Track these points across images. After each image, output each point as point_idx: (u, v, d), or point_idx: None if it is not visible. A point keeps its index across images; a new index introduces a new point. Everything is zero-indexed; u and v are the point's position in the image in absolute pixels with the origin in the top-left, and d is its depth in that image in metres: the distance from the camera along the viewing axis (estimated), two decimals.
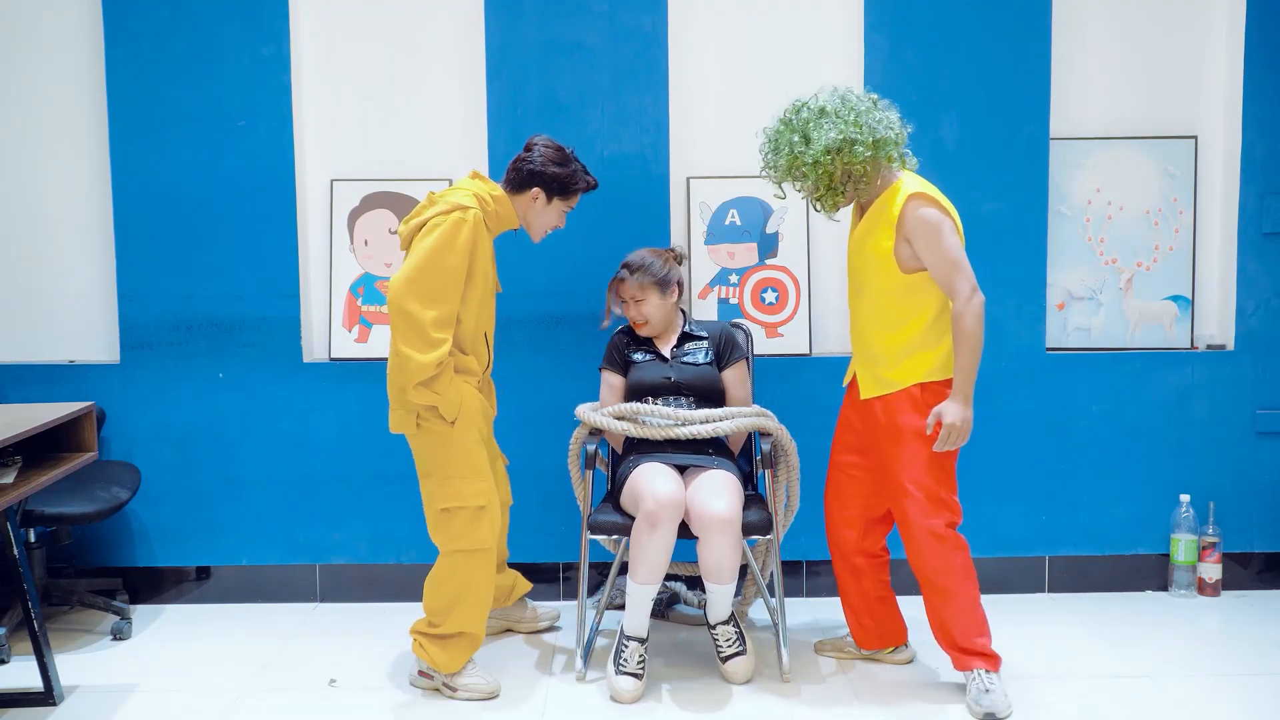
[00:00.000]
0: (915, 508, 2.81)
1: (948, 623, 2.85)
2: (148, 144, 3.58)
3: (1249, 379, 3.65)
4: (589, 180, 3.04)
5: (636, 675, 2.92)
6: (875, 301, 2.85)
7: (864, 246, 2.85)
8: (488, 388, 3.14)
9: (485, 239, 2.92)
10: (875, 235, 2.82)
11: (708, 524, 2.84)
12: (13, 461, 2.68)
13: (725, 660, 2.99)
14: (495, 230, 3.00)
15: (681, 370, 3.18)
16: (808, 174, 2.78)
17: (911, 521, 2.82)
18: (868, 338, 2.88)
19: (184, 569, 3.70)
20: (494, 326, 3.12)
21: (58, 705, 2.88)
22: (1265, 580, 3.72)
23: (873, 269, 2.83)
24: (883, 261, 2.80)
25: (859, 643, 3.11)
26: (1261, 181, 3.61)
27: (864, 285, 2.87)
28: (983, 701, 2.76)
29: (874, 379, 2.88)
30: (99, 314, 3.71)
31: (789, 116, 2.84)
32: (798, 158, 2.78)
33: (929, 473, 2.80)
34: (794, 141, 2.79)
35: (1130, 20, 3.66)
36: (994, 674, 2.82)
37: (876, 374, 2.87)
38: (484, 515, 2.88)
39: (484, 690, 2.92)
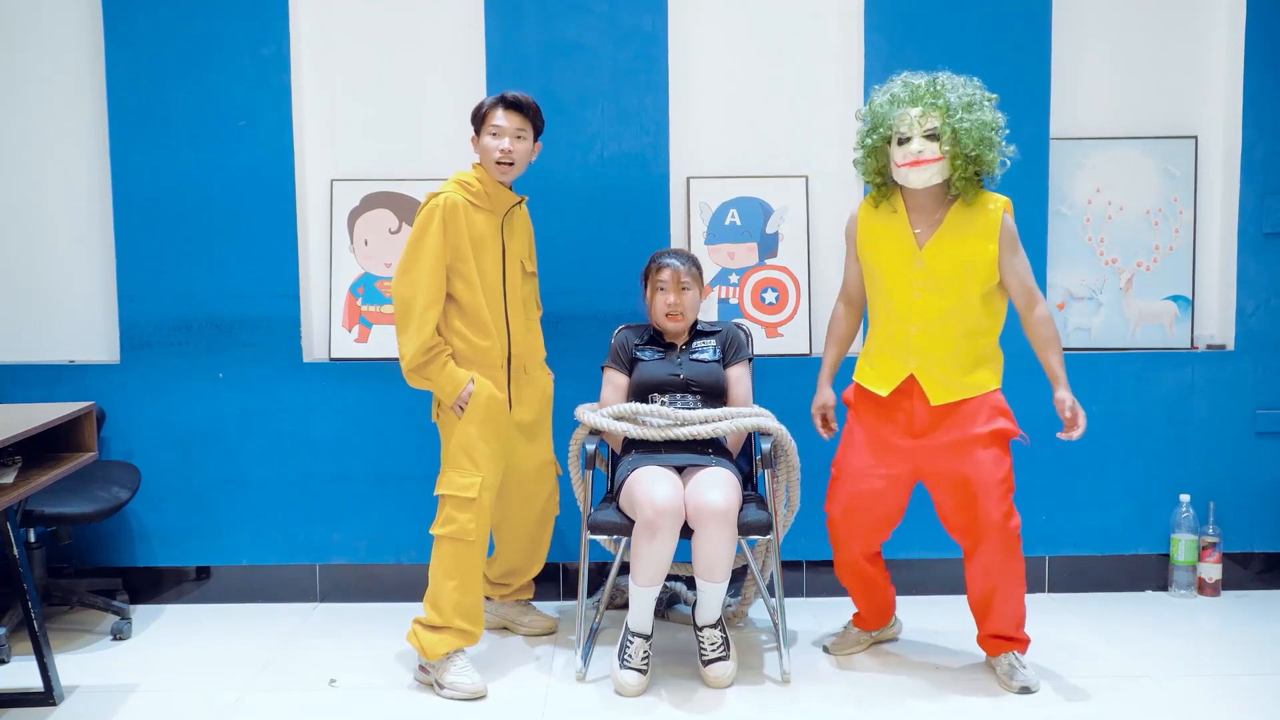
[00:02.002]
0: (998, 509, 2.82)
1: (999, 616, 2.93)
2: (148, 144, 3.58)
3: (1249, 379, 3.65)
4: (489, 99, 3.00)
5: (641, 670, 2.94)
6: (967, 306, 2.83)
7: (957, 250, 2.82)
8: (525, 379, 3.11)
9: (470, 220, 2.95)
10: (975, 240, 2.82)
11: (704, 515, 2.84)
12: (13, 461, 2.68)
13: (707, 664, 2.98)
14: (493, 207, 3.01)
15: (691, 367, 3.19)
16: (988, 145, 2.75)
17: (994, 522, 2.82)
18: (943, 343, 2.84)
19: (184, 569, 3.70)
20: (530, 310, 3.14)
21: (58, 705, 2.87)
22: (1265, 580, 3.72)
23: (968, 274, 2.82)
24: (987, 267, 2.82)
25: (865, 626, 3.20)
26: (1261, 181, 3.62)
27: (950, 289, 2.83)
28: (1016, 677, 2.91)
29: (946, 385, 2.85)
30: (99, 314, 3.71)
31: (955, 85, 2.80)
32: (992, 124, 2.76)
33: (1008, 476, 2.85)
34: (988, 107, 2.78)
35: (1130, 20, 3.67)
36: (1023, 655, 2.98)
37: (949, 379, 2.85)
38: (471, 507, 2.91)
39: (468, 690, 2.89)
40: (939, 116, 2.77)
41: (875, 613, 3.19)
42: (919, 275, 2.86)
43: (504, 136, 2.96)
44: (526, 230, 3.18)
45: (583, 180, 3.57)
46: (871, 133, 2.87)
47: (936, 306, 2.84)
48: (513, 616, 3.40)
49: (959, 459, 2.85)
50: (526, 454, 3.16)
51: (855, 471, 2.97)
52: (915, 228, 2.88)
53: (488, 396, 2.97)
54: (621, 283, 3.56)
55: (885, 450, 2.94)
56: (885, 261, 2.91)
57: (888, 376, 2.91)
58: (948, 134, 2.76)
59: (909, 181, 2.82)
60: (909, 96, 2.81)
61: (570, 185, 3.56)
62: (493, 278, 3.00)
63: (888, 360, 2.92)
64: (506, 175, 2.99)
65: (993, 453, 2.84)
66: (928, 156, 2.78)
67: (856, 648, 3.19)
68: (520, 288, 3.08)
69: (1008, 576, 2.88)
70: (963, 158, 2.77)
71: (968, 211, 2.84)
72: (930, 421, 2.88)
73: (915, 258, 2.86)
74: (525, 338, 3.10)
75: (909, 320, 2.87)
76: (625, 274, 3.53)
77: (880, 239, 2.93)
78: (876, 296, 2.96)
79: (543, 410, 3.20)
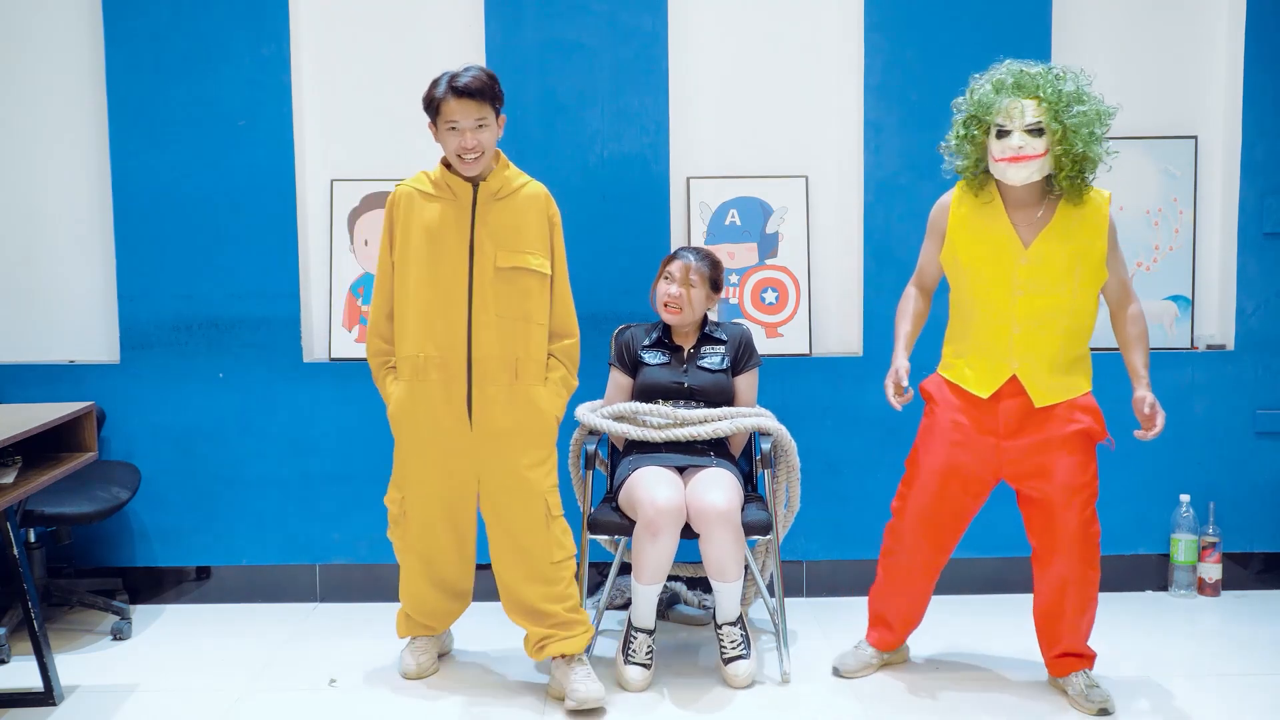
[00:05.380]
0: (1078, 516, 2.74)
1: (1070, 631, 2.83)
2: (148, 144, 3.58)
3: (1249, 379, 3.65)
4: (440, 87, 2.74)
5: (645, 665, 2.95)
6: (1070, 305, 2.73)
7: (1066, 249, 2.70)
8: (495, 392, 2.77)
9: (419, 211, 2.78)
10: (1085, 238, 2.71)
11: (708, 518, 2.84)
12: (13, 461, 2.68)
13: (728, 662, 2.97)
14: (454, 195, 2.79)
15: (697, 375, 3.16)
16: (1096, 140, 2.63)
17: (1072, 529, 2.74)
18: (1045, 343, 2.73)
19: (184, 569, 3.70)
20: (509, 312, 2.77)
21: (58, 705, 2.87)
22: (1265, 580, 3.72)
23: (1076, 273, 2.71)
24: (1097, 265, 2.73)
25: (884, 647, 3.06)
26: (1261, 181, 3.62)
27: (1056, 289, 2.71)
28: (1093, 696, 2.78)
29: (1048, 386, 2.74)
30: (99, 314, 3.71)
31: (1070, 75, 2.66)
32: (1092, 114, 2.62)
33: (1091, 482, 2.78)
34: (1081, 94, 2.63)
35: (1130, 20, 3.66)
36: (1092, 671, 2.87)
37: (1051, 381, 2.74)
38: (397, 524, 2.94)
39: (404, 671, 3.03)
40: (1046, 111, 2.62)
41: (905, 632, 3.05)
42: (1023, 273, 2.72)
43: (464, 131, 2.71)
44: (522, 222, 2.81)
45: (582, 180, 3.57)
46: (971, 121, 2.72)
47: (1040, 306, 2.72)
48: (559, 681, 2.89)
49: (1040, 461, 2.75)
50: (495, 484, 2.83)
51: (935, 469, 2.82)
52: (1017, 225, 2.74)
53: (415, 409, 2.79)
54: (622, 283, 3.55)
55: (970, 449, 2.80)
56: (984, 258, 2.76)
57: (989, 378, 2.78)
58: (1058, 131, 2.61)
59: (1007, 177, 2.68)
60: (1016, 85, 2.65)
61: (570, 185, 3.56)
62: (449, 275, 2.75)
63: (987, 360, 2.78)
64: (473, 169, 2.75)
65: (1077, 457, 2.74)
66: (1029, 153, 2.63)
67: (869, 669, 3.04)
68: (492, 286, 2.76)
69: (1083, 589, 2.79)
70: (1069, 155, 2.64)
71: (1074, 208, 2.72)
72: (1022, 423, 2.77)
73: (1020, 256, 2.72)
74: (496, 343, 2.76)
75: (1011, 319, 2.74)
76: (625, 274, 3.53)
77: (978, 234, 2.78)
78: (969, 293, 2.81)
79: (522, 429, 2.81)
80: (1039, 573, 2.85)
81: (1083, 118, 2.61)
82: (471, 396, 2.78)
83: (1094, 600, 2.83)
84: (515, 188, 2.83)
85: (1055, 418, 2.76)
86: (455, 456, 2.82)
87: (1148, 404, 2.75)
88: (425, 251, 2.77)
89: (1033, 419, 2.77)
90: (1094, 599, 2.83)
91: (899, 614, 3.01)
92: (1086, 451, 2.77)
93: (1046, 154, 2.65)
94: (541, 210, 2.85)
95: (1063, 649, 2.86)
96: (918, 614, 3.03)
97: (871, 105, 3.58)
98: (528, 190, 2.85)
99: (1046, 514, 2.78)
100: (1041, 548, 2.83)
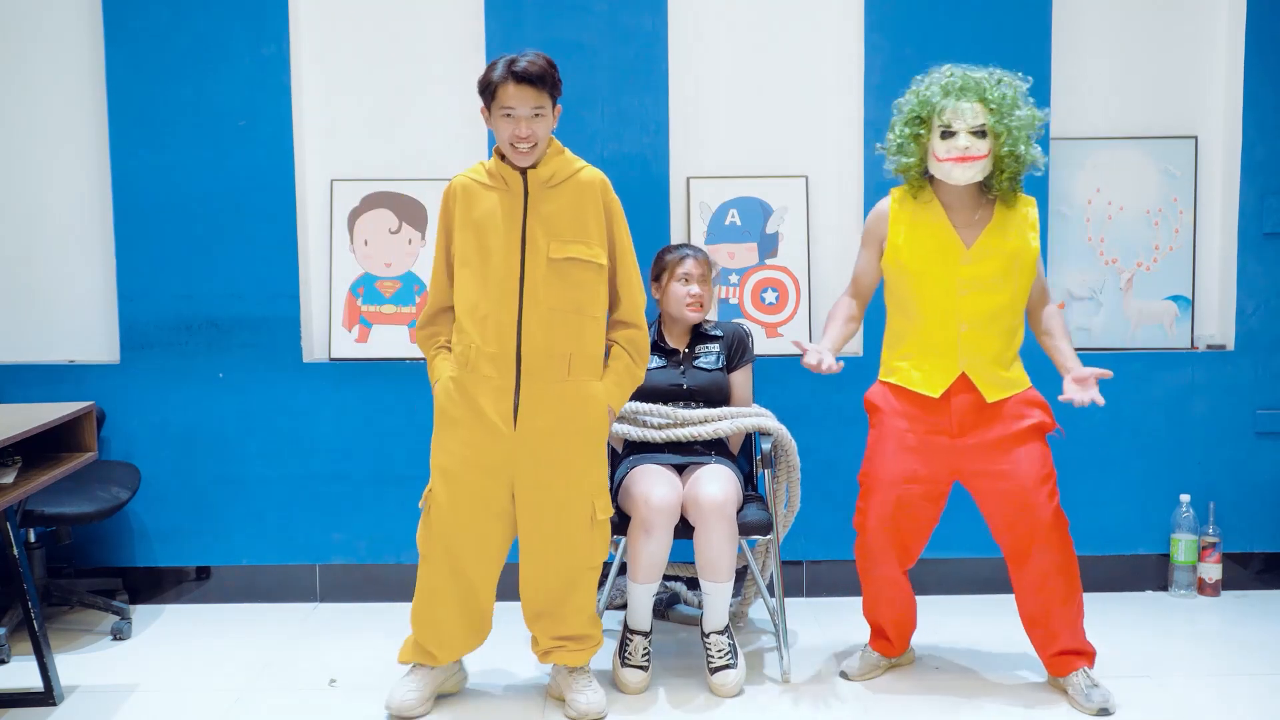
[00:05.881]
0: (1046, 506, 2.77)
1: (1062, 628, 2.84)
2: (148, 144, 3.58)
3: (1249, 379, 3.65)
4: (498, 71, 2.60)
5: (642, 667, 2.94)
6: (1011, 302, 2.81)
7: (1006, 247, 2.78)
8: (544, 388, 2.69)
9: (474, 202, 2.69)
10: (1020, 237, 2.80)
11: (701, 509, 2.84)
12: (13, 461, 2.68)
13: (714, 671, 2.93)
14: (507, 186, 2.69)
15: (695, 376, 3.16)
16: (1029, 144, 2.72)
17: (1044, 521, 2.77)
18: (990, 340, 2.80)
19: (184, 569, 3.70)
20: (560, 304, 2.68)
21: (58, 705, 2.87)
22: (1265, 580, 3.72)
23: (1015, 271, 2.79)
24: (1031, 264, 2.81)
25: (889, 652, 3.05)
26: (1261, 181, 3.62)
27: (998, 287, 2.78)
28: (1094, 697, 2.78)
29: (996, 381, 2.81)
30: (99, 314, 3.70)
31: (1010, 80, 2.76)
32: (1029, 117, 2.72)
33: (1052, 472, 2.82)
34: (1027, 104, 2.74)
35: (1130, 20, 3.66)
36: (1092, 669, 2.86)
37: (998, 376, 2.81)
38: (426, 518, 2.78)
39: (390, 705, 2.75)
40: (991, 113, 2.69)
41: (904, 637, 3.04)
42: (966, 272, 2.77)
43: (519, 119, 2.60)
44: (577, 211, 2.70)
45: None
46: (914, 121, 2.77)
47: (985, 304, 2.78)
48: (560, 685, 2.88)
49: (1000, 457, 2.79)
50: (535, 484, 2.72)
51: (891, 479, 2.83)
52: (957, 226, 2.80)
53: (461, 395, 2.70)
54: None
55: (923, 452, 2.82)
56: (926, 259, 2.80)
57: (938, 377, 2.81)
58: (1002, 133, 2.69)
59: (952, 177, 2.73)
60: (962, 88, 2.71)
61: None
62: (501, 268, 2.66)
63: (935, 360, 2.81)
64: (526, 159, 2.64)
65: (1033, 448, 2.79)
66: (974, 153, 2.70)
67: (876, 672, 3.02)
68: (545, 279, 2.66)
69: (1065, 581, 2.80)
70: (1012, 157, 2.72)
71: (1010, 210, 2.81)
72: (972, 421, 2.80)
73: (963, 256, 2.78)
74: (548, 338, 2.67)
75: (957, 318, 2.79)
76: None
77: (918, 236, 2.82)
78: (913, 295, 2.83)
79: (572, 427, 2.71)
80: (1017, 572, 2.86)
81: (1021, 121, 2.70)
82: (520, 394, 2.68)
83: (1079, 589, 2.84)
84: (569, 174, 2.71)
85: (1007, 414, 2.81)
86: (494, 454, 2.69)
87: (1092, 374, 2.77)
88: (479, 244, 2.68)
89: (984, 416, 2.81)
90: (1078, 588, 2.84)
91: (891, 623, 3.01)
92: (1044, 443, 2.84)
93: (989, 155, 2.73)
94: (597, 198, 2.72)
95: (1060, 646, 2.86)
96: (908, 618, 3.03)
97: (871, 105, 3.57)
98: (582, 176, 2.72)
99: (1016, 508, 2.80)
100: (1015, 545, 2.83)
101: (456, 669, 2.92)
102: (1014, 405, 2.81)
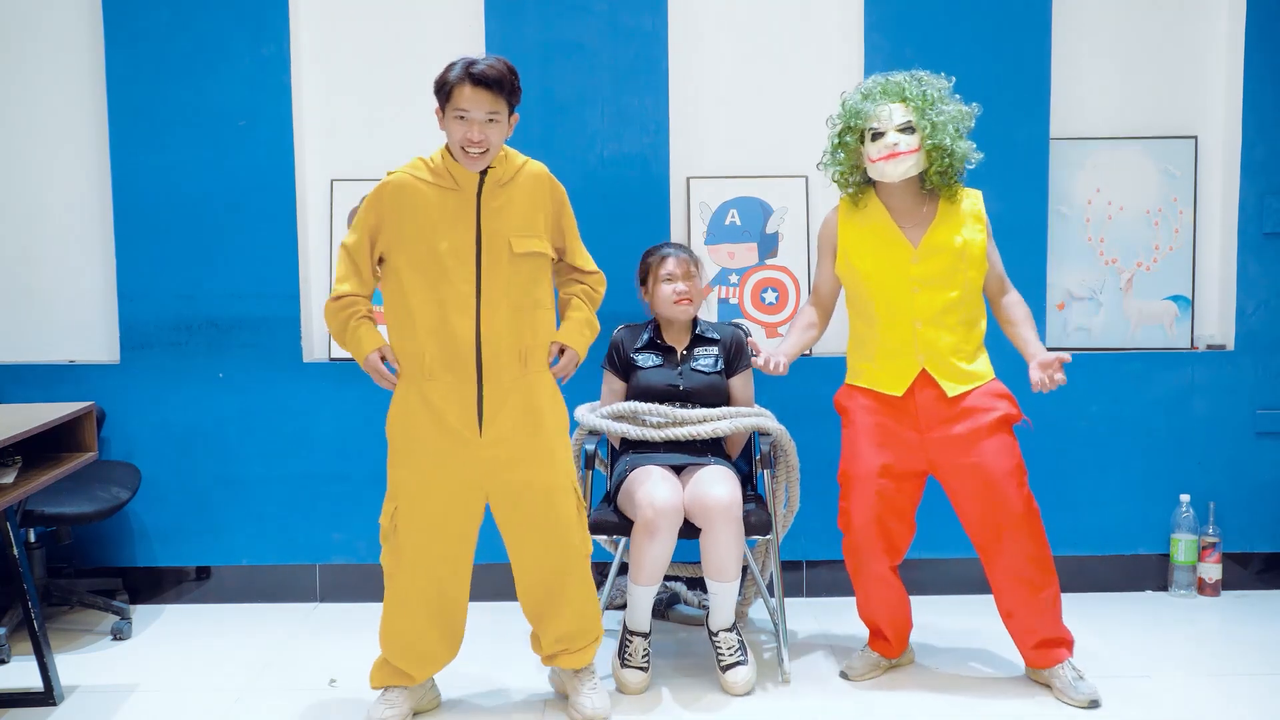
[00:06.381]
0: (1016, 496, 2.80)
1: (1039, 617, 2.86)
2: (148, 144, 3.58)
3: (1249, 379, 3.65)
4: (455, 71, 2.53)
5: (642, 668, 2.94)
6: (964, 297, 2.85)
7: (950, 242, 2.84)
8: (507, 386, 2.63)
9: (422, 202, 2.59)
10: (967, 230, 2.86)
11: (710, 512, 2.84)
12: (13, 461, 2.69)
13: (726, 669, 2.94)
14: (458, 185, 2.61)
15: (691, 378, 3.15)
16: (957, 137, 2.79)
17: (1015, 512, 2.80)
18: (946, 334, 2.84)
19: (184, 569, 3.70)
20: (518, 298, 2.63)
21: (58, 705, 2.88)
22: (1265, 580, 3.72)
23: (964, 264, 2.84)
24: (980, 256, 2.87)
25: (888, 653, 3.04)
26: (1261, 181, 3.62)
27: (949, 282, 2.84)
28: (1080, 688, 2.82)
29: (956, 375, 2.85)
30: (99, 314, 3.71)
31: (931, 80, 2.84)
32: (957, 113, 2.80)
33: (1020, 463, 2.85)
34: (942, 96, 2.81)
35: (1130, 20, 3.67)
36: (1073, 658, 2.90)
37: (958, 370, 2.85)
38: (393, 540, 2.68)
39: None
40: (914, 110, 2.79)
41: (901, 636, 3.03)
42: (917, 271, 2.85)
43: (472, 123, 2.53)
44: (529, 203, 2.68)
45: (582, 180, 3.57)
46: (845, 131, 2.88)
47: (938, 300, 2.84)
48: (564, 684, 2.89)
49: (968, 450, 2.82)
50: (513, 484, 2.67)
51: (867, 473, 2.87)
52: (903, 226, 2.88)
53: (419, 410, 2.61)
54: (622, 283, 3.55)
55: (895, 445, 2.87)
56: (876, 261, 2.88)
57: (898, 376, 2.87)
58: (926, 127, 2.77)
59: (885, 175, 2.82)
60: (883, 91, 2.83)
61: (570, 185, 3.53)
62: (454, 267, 2.58)
63: (894, 360, 2.88)
64: (476, 165, 2.57)
65: (1000, 439, 2.83)
66: (903, 149, 2.78)
67: (876, 672, 3.03)
68: (504, 275, 2.61)
69: (1038, 570, 2.83)
70: (939, 150, 2.79)
71: (952, 205, 2.88)
72: (937, 415, 2.85)
73: (911, 254, 2.85)
74: (507, 334, 2.62)
75: (912, 316, 2.85)
76: (626, 274, 3.52)
77: (866, 240, 2.90)
78: (866, 299, 2.90)
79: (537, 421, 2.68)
80: (990, 566, 2.88)
81: (948, 115, 2.79)
82: (482, 398, 2.62)
83: (1054, 579, 2.86)
84: (516, 169, 2.68)
85: (972, 408, 2.84)
86: (462, 464, 2.63)
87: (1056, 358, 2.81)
88: (426, 246, 2.59)
89: (950, 409, 2.85)
90: (1054, 577, 2.86)
91: (887, 621, 3.01)
92: (1010, 435, 2.87)
93: (920, 150, 2.80)
94: (546, 191, 2.73)
95: (1039, 637, 2.88)
96: (903, 617, 3.02)
97: None
98: (528, 170, 2.70)
99: (987, 500, 2.82)
100: (987, 536, 2.85)
101: (430, 686, 2.85)
102: (978, 398, 2.85)
